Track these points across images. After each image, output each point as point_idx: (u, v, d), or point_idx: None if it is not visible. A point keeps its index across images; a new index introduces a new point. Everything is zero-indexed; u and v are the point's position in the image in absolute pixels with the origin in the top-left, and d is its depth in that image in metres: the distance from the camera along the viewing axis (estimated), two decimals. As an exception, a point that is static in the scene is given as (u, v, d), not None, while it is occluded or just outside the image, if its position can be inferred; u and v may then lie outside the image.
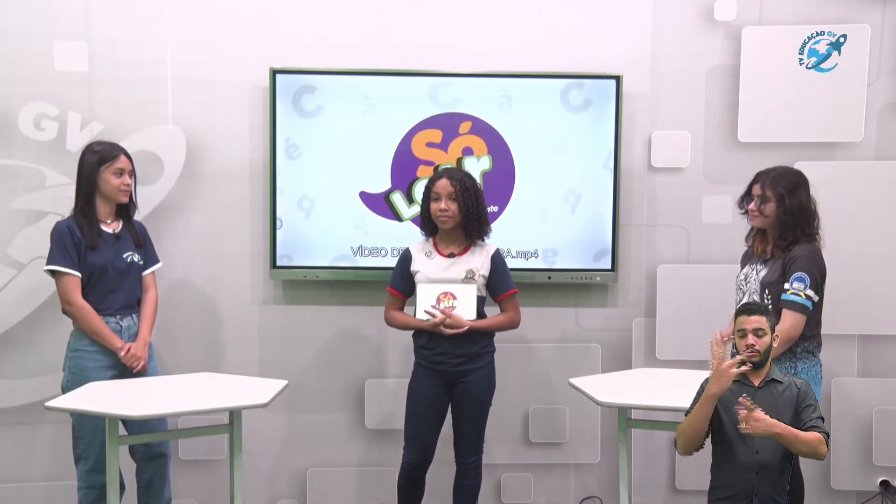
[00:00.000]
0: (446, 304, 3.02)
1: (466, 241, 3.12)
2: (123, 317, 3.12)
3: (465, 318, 3.00)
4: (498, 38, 3.63)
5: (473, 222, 3.07)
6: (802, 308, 2.88)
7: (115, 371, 3.09)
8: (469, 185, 3.06)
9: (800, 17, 3.64)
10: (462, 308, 3.01)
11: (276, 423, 3.70)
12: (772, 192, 2.97)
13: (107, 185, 3.07)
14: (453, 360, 3.05)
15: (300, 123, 3.57)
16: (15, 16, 3.49)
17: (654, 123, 3.68)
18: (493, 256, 3.12)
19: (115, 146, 3.14)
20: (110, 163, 3.07)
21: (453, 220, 3.05)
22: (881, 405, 3.75)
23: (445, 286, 3.04)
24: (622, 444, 2.97)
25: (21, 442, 3.62)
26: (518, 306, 3.16)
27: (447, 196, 3.03)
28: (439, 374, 3.08)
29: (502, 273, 3.12)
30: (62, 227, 3.05)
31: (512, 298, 3.14)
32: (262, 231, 3.63)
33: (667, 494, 3.82)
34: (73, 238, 3.02)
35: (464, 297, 3.02)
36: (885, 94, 3.66)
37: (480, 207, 3.09)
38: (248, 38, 3.58)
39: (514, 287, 3.14)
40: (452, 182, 3.04)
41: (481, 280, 3.08)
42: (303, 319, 3.70)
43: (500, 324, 3.13)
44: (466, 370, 3.07)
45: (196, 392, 2.98)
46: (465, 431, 3.14)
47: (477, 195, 3.08)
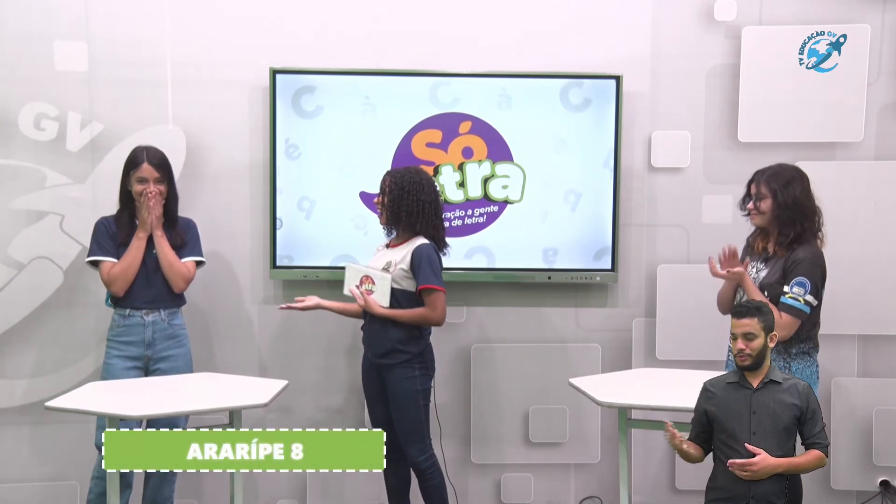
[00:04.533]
0: (366, 287, 3.15)
1: (404, 235, 3.18)
2: (149, 312, 3.18)
3: (379, 303, 3.10)
4: (498, 37, 3.63)
5: (398, 216, 3.13)
6: (799, 313, 2.90)
7: (139, 364, 3.19)
8: (398, 180, 3.13)
9: (800, 17, 3.63)
10: (378, 294, 3.12)
11: (276, 423, 3.70)
12: (766, 189, 2.99)
13: (133, 189, 3.18)
14: (372, 351, 3.18)
15: (300, 123, 3.57)
16: (15, 16, 3.49)
17: (654, 123, 3.68)
18: (414, 250, 3.12)
19: (141, 153, 3.20)
20: (134, 170, 3.18)
21: (383, 215, 3.17)
22: (881, 405, 3.74)
23: (367, 271, 3.17)
24: (622, 444, 2.97)
25: (21, 442, 3.61)
26: (437, 304, 3.10)
27: (380, 191, 3.17)
28: (369, 361, 3.22)
29: (418, 266, 3.10)
30: (100, 222, 3.23)
31: (429, 293, 3.10)
32: (262, 231, 3.63)
33: (667, 494, 3.82)
34: (109, 231, 3.18)
35: (381, 284, 3.13)
36: (885, 94, 3.66)
37: (411, 202, 3.10)
38: (248, 38, 3.58)
39: (431, 283, 3.09)
40: (385, 177, 3.17)
41: (399, 272, 3.11)
42: (303, 319, 3.69)
43: (408, 316, 3.10)
44: (385, 364, 3.14)
45: (196, 392, 2.98)
46: (398, 430, 3.16)
47: (409, 190, 3.11)
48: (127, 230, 3.19)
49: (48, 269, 3.55)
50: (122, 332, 3.18)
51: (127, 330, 3.18)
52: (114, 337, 3.20)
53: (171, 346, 3.23)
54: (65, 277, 3.56)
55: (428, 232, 3.15)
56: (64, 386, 3.42)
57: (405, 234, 3.17)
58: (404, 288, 3.12)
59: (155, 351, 3.19)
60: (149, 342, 3.18)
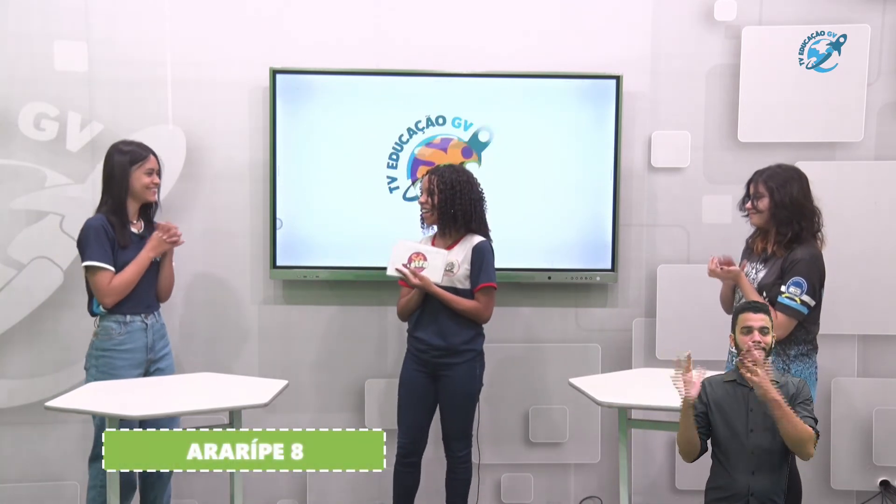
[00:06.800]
0: (417, 264, 3.07)
1: (456, 234, 3.15)
2: (148, 315, 3.15)
3: (433, 279, 3.05)
4: (497, 38, 3.63)
5: (452, 215, 3.09)
6: (795, 313, 2.90)
7: (142, 369, 3.13)
8: (449, 179, 3.09)
9: (800, 17, 3.64)
10: (430, 271, 3.06)
11: (276, 423, 3.70)
12: (764, 188, 3.01)
13: (138, 184, 3.11)
14: (433, 352, 3.11)
15: (300, 123, 3.57)
16: (15, 16, 3.49)
17: (654, 123, 3.68)
18: (475, 248, 3.12)
19: (143, 146, 3.17)
20: (141, 163, 3.12)
21: (432, 215, 3.12)
22: (881, 405, 3.74)
23: (419, 247, 3.09)
24: (622, 444, 2.97)
25: (21, 442, 3.61)
26: (490, 302, 3.14)
27: (426, 191, 3.11)
28: (423, 362, 3.15)
29: (479, 264, 3.11)
30: (96, 223, 3.05)
31: (486, 291, 3.12)
32: (262, 231, 3.63)
33: (667, 494, 3.82)
34: (107, 235, 3.05)
35: (434, 259, 3.06)
36: (885, 94, 3.66)
37: (464, 201, 3.10)
38: (248, 38, 3.58)
39: (490, 280, 3.12)
40: (430, 176, 3.12)
41: (464, 272, 3.11)
42: (303, 319, 3.70)
43: (463, 305, 3.10)
44: (446, 363, 3.11)
45: (196, 392, 2.98)
46: (449, 427, 3.18)
47: (460, 189, 3.09)
48: (122, 231, 3.08)
49: (48, 269, 3.55)
50: (124, 340, 3.07)
51: (129, 336, 3.09)
52: (115, 346, 3.06)
53: (164, 345, 3.22)
54: (65, 277, 3.56)
55: (481, 229, 3.16)
56: (63, 386, 3.42)
57: (457, 233, 3.14)
58: (465, 287, 3.12)
59: (154, 353, 3.17)
60: (150, 345, 3.14)
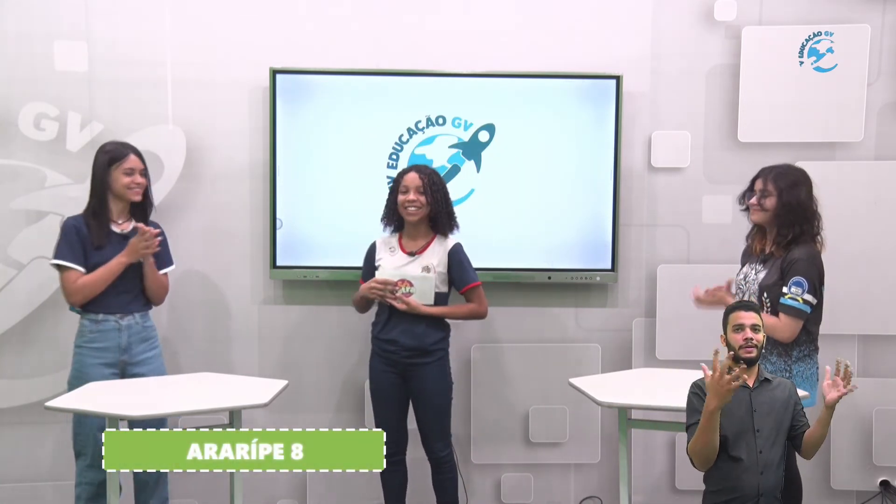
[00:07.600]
0: (403, 290, 3.11)
1: (430, 235, 3.18)
2: (124, 316, 3.13)
3: (423, 303, 3.11)
4: (497, 38, 3.63)
5: (442, 216, 3.15)
6: (799, 313, 2.89)
7: (115, 370, 3.11)
8: (437, 181, 3.16)
9: (800, 17, 3.64)
10: (419, 295, 3.11)
11: (276, 423, 3.70)
12: (773, 186, 2.98)
13: (117, 184, 3.11)
14: (404, 353, 3.14)
15: (300, 123, 3.57)
16: (15, 16, 3.49)
17: (654, 123, 3.68)
18: (450, 251, 3.17)
19: (125, 145, 3.18)
20: (120, 162, 3.11)
21: (421, 213, 3.13)
22: (881, 405, 3.74)
23: (402, 274, 3.13)
24: (622, 444, 2.97)
25: (21, 442, 3.62)
26: (483, 297, 3.23)
27: (415, 189, 3.12)
28: (392, 362, 3.16)
29: (460, 267, 3.17)
30: (69, 224, 3.12)
31: (475, 290, 3.21)
32: (262, 231, 3.63)
33: (667, 494, 3.82)
34: (79, 235, 3.07)
35: (422, 284, 3.12)
36: (885, 94, 3.66)
37: (448, 202, 3.19)
38: (248, 38, 3.58)
39: (475, 280, 3.21)
40: (421, 176, 3.13)
41: (440, 276, 3.14)
42: (303, 319, 3.70)
43: (461, 311, 3.21)
44: (417, 363, 3.13)
45: (196, 392, 2.98)
46: (428, 428, 3.20)
47: (444, 190, 3.18)
48: (98, 232, 3.08)
49: (48, 270, 3.53)
50: (95, 338, 3.09)
51: (101, 335, 3.10)
52: (86, 343, 3.09)
53: (146, 348, 3.19)
54: (65, 277, 3.56)
55: (452, 230, 3.22)
56: (63, 386, 3.40)
57: (429, 234, 3.18)
58: (443, 290, 3.17)
59: (131, 355, 3.14)
60: (125, 347, 3.12)
